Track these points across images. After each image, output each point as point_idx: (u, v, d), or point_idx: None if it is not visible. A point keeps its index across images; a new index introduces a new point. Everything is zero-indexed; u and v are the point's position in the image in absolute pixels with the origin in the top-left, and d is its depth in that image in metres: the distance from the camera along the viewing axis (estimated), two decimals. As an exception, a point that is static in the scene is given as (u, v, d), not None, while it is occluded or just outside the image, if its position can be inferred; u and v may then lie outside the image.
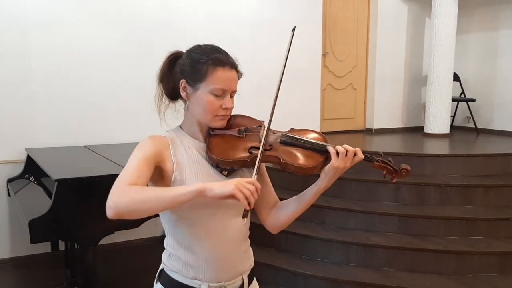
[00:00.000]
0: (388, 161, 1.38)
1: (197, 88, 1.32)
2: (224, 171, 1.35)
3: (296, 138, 1.37)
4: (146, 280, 3.63)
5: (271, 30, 4.92)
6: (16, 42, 3.77)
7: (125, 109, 4.24)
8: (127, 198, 1.14)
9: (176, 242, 1.37)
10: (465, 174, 4.10)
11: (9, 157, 3.79)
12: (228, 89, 1.32)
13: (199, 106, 1.33)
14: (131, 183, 1.18)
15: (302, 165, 1.32)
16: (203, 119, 1.35)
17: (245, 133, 1.38)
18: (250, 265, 1.46)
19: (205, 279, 1.34)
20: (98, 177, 2.72)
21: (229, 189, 1.12)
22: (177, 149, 1.34)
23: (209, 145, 1.35)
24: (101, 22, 4.10)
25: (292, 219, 1.44)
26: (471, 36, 6.10)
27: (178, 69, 1.36)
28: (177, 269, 1.36)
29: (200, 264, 1.33)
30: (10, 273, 3.72)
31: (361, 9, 5.93)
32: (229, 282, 1.37)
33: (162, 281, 1.40)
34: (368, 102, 6.13)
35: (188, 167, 1.32)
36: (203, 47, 1.36)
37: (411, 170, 1.38)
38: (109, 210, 1.15)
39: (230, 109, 1.35)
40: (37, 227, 2.52)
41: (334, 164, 1.29)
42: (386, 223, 3.64)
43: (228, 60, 1.33)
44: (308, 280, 3.33)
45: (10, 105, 3.78)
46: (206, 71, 1.30)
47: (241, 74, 1.38)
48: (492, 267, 3.31)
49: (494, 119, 5.92)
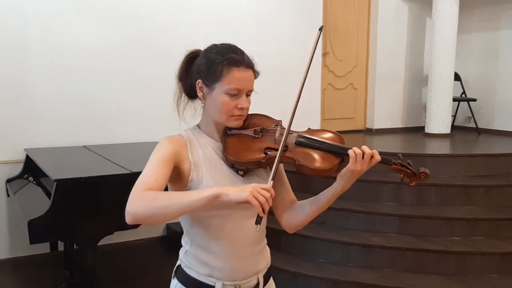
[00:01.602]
0: (407, 164, 1.34)
1: (213, 88, 1.32)
2: (240, 171, 1.35)
3: (313, 139, 1.35)
4: (146, 280, 3.64)
5: (271, 30, 4.91)
6: (16, 42, 3.76)
7: (125, 109, 4.24)
8: (144, 205, 1.16)
9: (192, 240, 1.39)
10: (466, 174, 4.09)
11: (8, 157, 3.78)
12: (243, 89, 1.33)
13: (215, 106, 1.33)
14: (148, 187, 1.19)
15: (317, 167, 1.31)
16: (218, 119, 1.36)
17: (261, 133, 1.37)
18: (266, 265, 1.46)
19: (220, 277, 1.35)
20: (98, 177, 2.72)
21: (244, 195, 1.13)
22: (194, 149, 1.35)
23: (225, 145, 1.35)
24: (101, 22, 4.09)
25: (307, 221, 1.44)
26: (472, 36, 6.09)
27: (195, 69, 1.37)
28: (193, 266, 1.38)
29: (215, 263, 1.35)
30: (9, 274, 3.72)
31: (362, 9, 5.92)
32: (244, 281, 1.38)
33: (178, 277, 1.42)
34: (368, 102, 6.11)
35: (205, 166, 1.33)
36: (219, 47, 1.36)
37: (429, 174, 1.33)
38: (128, 217, 1.17)
39: (245, 109, 1.35)
40: (36, 227, 2.51)
41: (350, 167, 1.27)
42: (386, 224, 3.64)
43: (243, 60, 1.33)
44: (308, 280, 3.32)
45: (9, 105, 3.77)
46: (221, 72, 1.31)
47: (258, 73, 1.38)
48: (493, 268, 3.30)
49: (495, 119, 5.91)
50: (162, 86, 4.36)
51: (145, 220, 1.17)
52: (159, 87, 4.40)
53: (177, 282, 1.41)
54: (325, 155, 1.32)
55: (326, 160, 1.32)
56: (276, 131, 1.37)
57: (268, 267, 1.47)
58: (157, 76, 4.36)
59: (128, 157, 3.57)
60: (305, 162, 1.31)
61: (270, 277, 1.48)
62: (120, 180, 2.76)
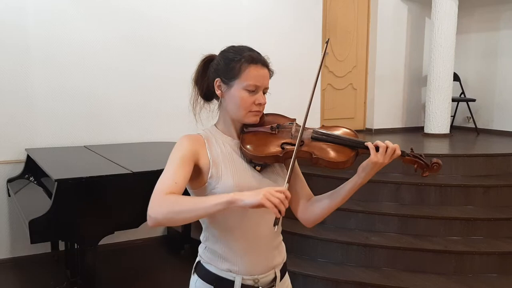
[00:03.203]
0: (419, 155, 1.41)
1: (231, 85, 1.38)
2: (257, 166, 1.40)
3: (328, 134, 1.41)
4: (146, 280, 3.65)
5: (271, 30, 4.92)
6: (16, 42, 3.76)
7: (127, 109, 4.24)
8: (164, 209, 1.21)
9: (211, 236, 1.43)
10: (465, 174, 4.10)
11: (9, 157, 3.79)
12: (261, 86, 1.39)
13: (233, 102, 1.39)
14: (168, 191, 1.24)
15: (334, 159, 1.36)
16: (236, 115, 1.41)
17: (277, 129, 1.43)
18: (283, 260, 1.50)
19: (239, 272, 1.39)
20: (98, 177, 2.73)
21: (258, 199, 1.16)
22: (212, 147, 1.40)
23: (243, 142, 1.40)
24: (102, 21, 4.09)
25: (326, 215, 1.48)
26: (471, 36, 6.10)
27: (213, 69, 1.43)
28: (212, 261, 1.42)
29: (234, 258, 1.39)
30: (10, 273, 3.72)
31: (361, 9, 5.93)
32: (262, 276, 1.42)
33: (198, 273, 1.46)
34: (368, 102, 6.13)
35: (223, 163, 1.38)
36: (236, 47, 1.43)
37: (442, 165, 1.41)
38: (149, 220, 1.22)
39: (262, 105, 1.41)
40: (37, 227, 2.52)
41: (373, 159, 1.33)
42: (386, 223, 3.65)
43: (260, 58, 1.40)
44: (308, 280, 3.33)
45: (10, 105, 3.77)
46: (240, 69, 1.37)
47: (273, 72, 1.44)
48: (492, 267, 3.31)
49: (494, 119, 5.93)
50: (163, 87, 4.41)
51: (166, 224, 1.24)
52: (161, 87, 4.42)
53: (197, 278, 1.45)
54: (341, 148, 1.38)
55: (341, 153, 1.37)
56: (292, 127, 1.43)
57: (284, 261, 1.51)
58: (159, 77, 4.38)
59: (129, 157, 3.58)
60: (322, 155, 1.36)
61: (286, 271, 1.53)
62: (121, 180, 2.77)
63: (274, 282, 1.45)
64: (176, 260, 4.07)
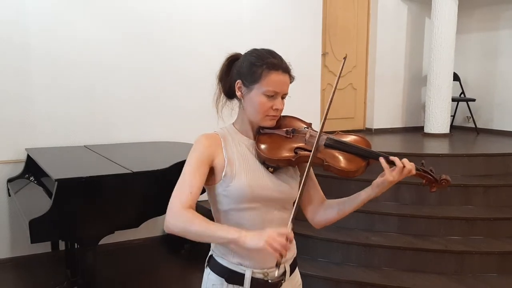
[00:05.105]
0: (429, 171, 1.44)
1: (251, 89, 1.42)
2: (270, 167, 1.43)
3: (341, 142, 1.44)
4: (146, 280, 3.65)
5: (271, 30, 4.92)
6: (16, 43, 3.77)
7: (127, 109, 4.24)
8: (180, 224, 1.31)
9: None
10: (465, 174, 4.10)
11: (9, 157, 3.79)
12: (280, 92, 1.41)
13: (252, 106, 1.42)
14: (186, 204, 1.33)
15: (344, 168, 1.39)
16: (254, 118, 1.45)
17: (292, 133, 1.46)
18: (293, 255, 1.55)
19: (249, 266, 1.43)
20: (99, 177, 2.72)
21: (260, 244, 1.21)
22: (228, 145, 1.44)
23: (258, 143, 1.44)
24: (101, 21, 4.09)
25: (336, 220, 1.55)
26: (471, 36, 6.10)
27: (236, 71, 1.46)
28: (224, 255, 1.46)
29: (244, 252, 1.41)
30: (10, 273, 3.72)
31: (361, 9, 5.93)
32: (272, 269, 1.43)
33: (210, 266, 1.51)
34: (368, 102, 6.13)
35: (238, 162, 1.42)
36: (259, 51, 1.45)
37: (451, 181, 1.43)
38: (166, 228, 1.33)
39: (280, 110, 1.45)
40: (37, 227, 2.52)
41: (389, 178, 1.37)
42: (386, 223, 3.65)
43: (281, 65, 1.42)
44: (308, 280, 3.31)
45: (10, 105, 3.78)
46: (261, 74, 1.40)
47: (293, 78, 1.47)
48: (492, 267, 3.32)
49: (494, 119, 5.93)
50: (164, 86, 4.41)
51: (179, 235, 1.33)
52: (161, 87, 4.42)
53: (210, 271, 1.50)
54: (352, 157, 1.41)
55: (353, 162, 1.40)
56: (307, 133, 1.46)
57: (295, 257, 1.56)
58: (159, 76, 4.38)
59: (129, 157, 3.58)
60: (333, 163, 1.40)
61: (296, 267, 1.58)
62: (121, 180, 2.77)
63: (283, 276, 1.48)
64: (176, 259, 4.08)
